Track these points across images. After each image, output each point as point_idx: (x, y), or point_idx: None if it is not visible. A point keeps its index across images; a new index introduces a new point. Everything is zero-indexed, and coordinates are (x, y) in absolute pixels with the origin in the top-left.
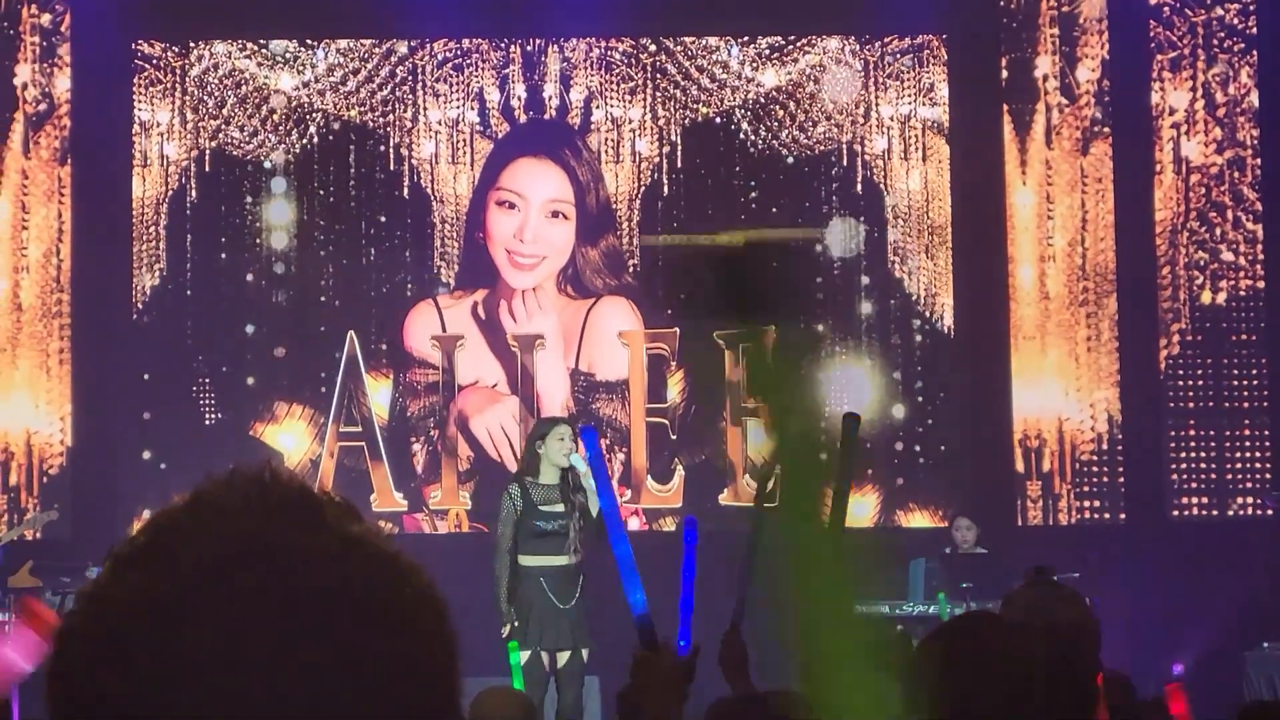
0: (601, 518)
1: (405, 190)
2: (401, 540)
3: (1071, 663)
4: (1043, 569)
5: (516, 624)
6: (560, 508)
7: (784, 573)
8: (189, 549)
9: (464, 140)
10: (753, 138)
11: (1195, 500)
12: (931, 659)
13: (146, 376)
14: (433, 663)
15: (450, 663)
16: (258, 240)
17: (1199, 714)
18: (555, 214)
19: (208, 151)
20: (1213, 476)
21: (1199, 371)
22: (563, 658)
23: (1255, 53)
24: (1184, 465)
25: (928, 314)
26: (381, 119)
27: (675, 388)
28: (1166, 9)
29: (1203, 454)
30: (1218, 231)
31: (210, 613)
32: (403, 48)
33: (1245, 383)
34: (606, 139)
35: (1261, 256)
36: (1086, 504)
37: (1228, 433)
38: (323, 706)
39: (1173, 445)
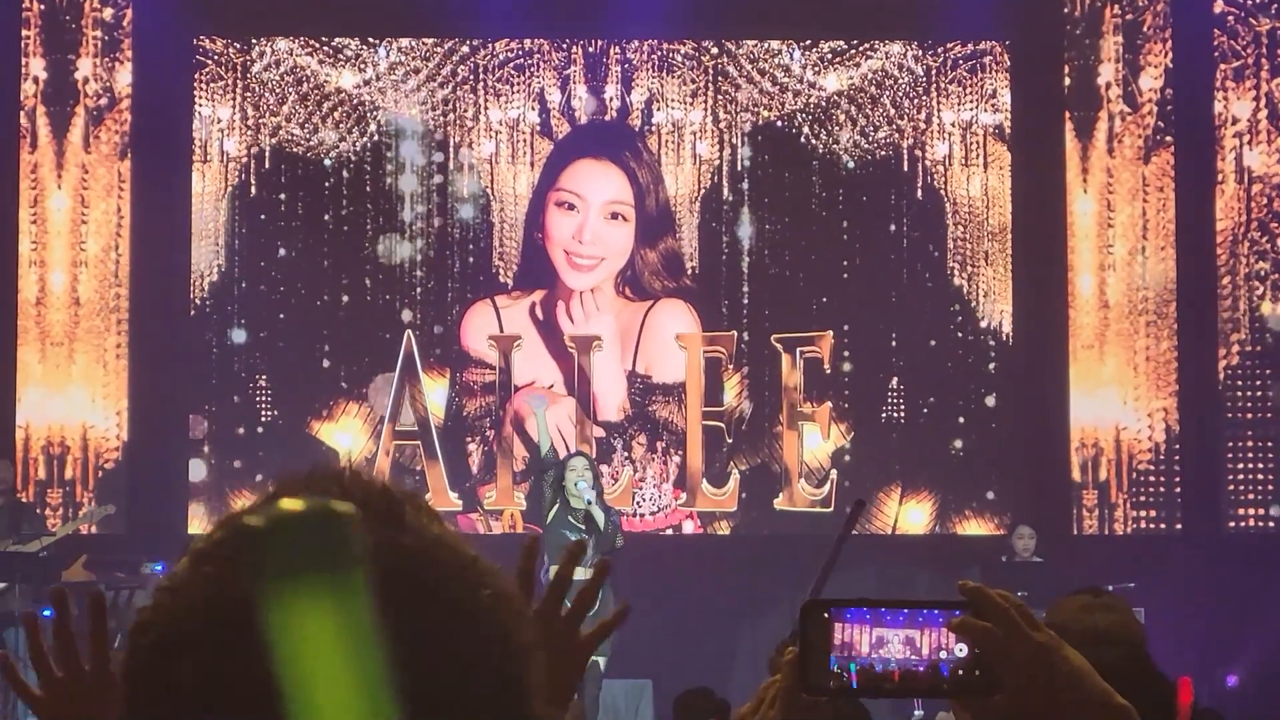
0: (609, 534)
1: (465, 189)
2: None
3: (1109, 669)
4: (1098, 591)
5: None
6: (584, 526)
7: None
8: (266, 545)
9: (524, 140)
10: (814, 142)
11: (1252, 511)
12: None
13: (207, 376)
14: (509, 664)
15: (526, 663)
16: (316, 238)
17: None
18: (614, 215)
19: (268, 148)
20: (1270, 488)
21: (1258, 382)
22: (600, 664)
23: None
24: (1241, 476)
25: (986, 321)
26: (442, 118)
27: (732, 391)
28: (1230, 18)
29: (1260, 465)
30: (1279, 242)
31: (285, 609)
32: (465, 47)
33: None
34: (667, 141)
35: None
36: (1143, 514)
37: None
38: (396, 705)
39: (1230, 456)
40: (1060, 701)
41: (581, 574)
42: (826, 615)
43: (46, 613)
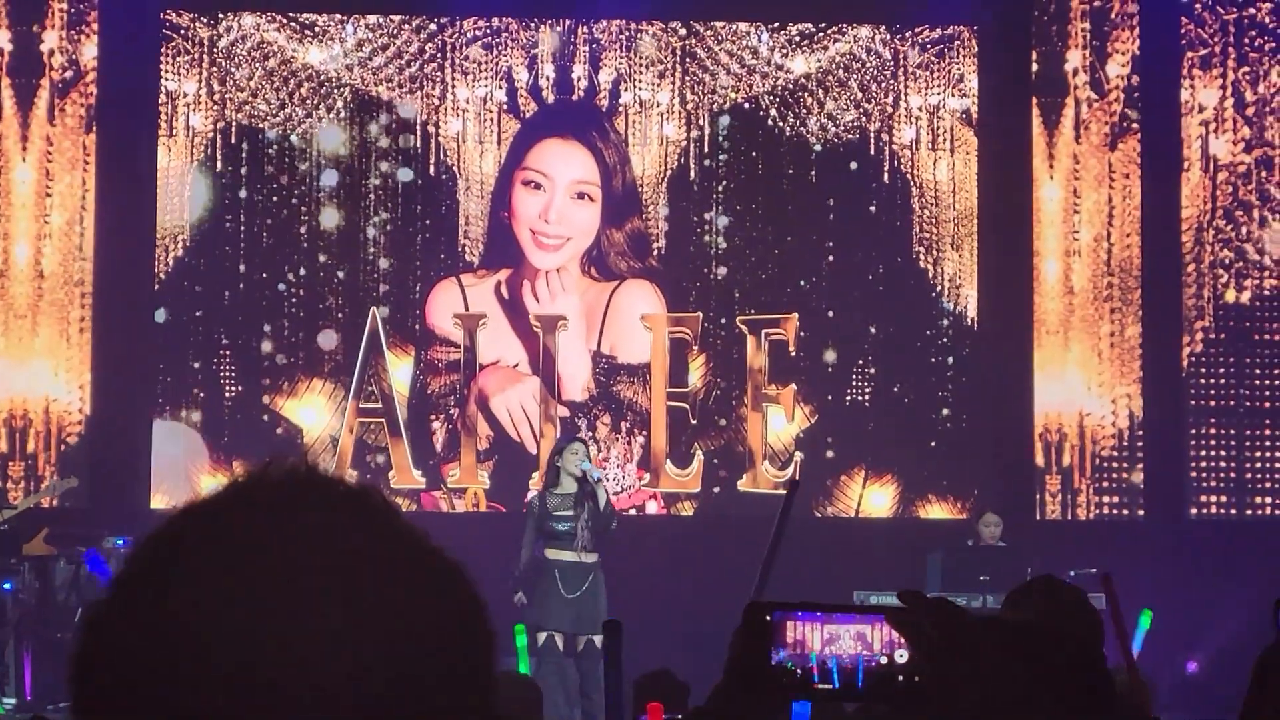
0: (606, 512)
1: (432, 167)
2: (418, 518)
3: (1072, 659)
4: (1052, 580)
5: (525, 602)
6: (571, 512)
7: None
8: (224, 537)
9: (491, 119)
10: (780, 124)
11: (1215, 499)
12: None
13: (167, 350)
14: (468, 661)
15: (486, 662)
16: (282, 214)
17: (1215, 714)
18: (581, 195)
19: (234, 123)
20: (1232, 476)
21: (1221, 370)
22: (581, 641)
23: None
24: (1204, 464)
25: (951, 306)
26: (409, 95)
27: (696, 372)
28: (1198, 6)
29: (1223, 453)
30: (1244, 230)
31: (244, 598)
32: (433, 24)
33: (1268, 382)
34: (634, 121)
35: None
36: (1106, 500)
37: (1249, 432)
38: (350, 690)
39: (1193, 443)
40: (995, 689)
41: (573, 557)
42: (769, 618)
43: (7, 586)
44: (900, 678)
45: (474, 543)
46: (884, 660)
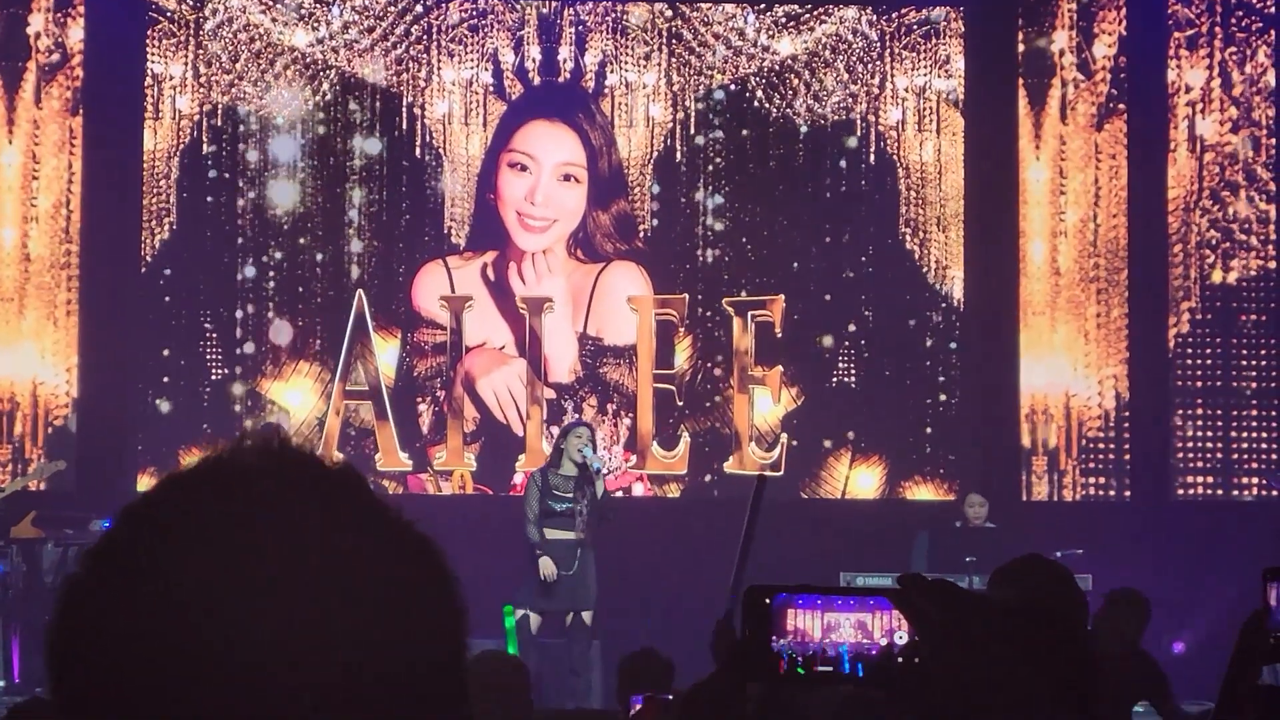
0: (604, 502)
1: (418, 150)
2: (405, 501)
3: (1056, 636)
4: (1037, 558)
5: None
6: (571, 494)
7: None
8: (198, 509)
9: (477, 101)
10: (767, 106)
11: (1200, 480)
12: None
13: (154, 333)
14: (438, 635)
15: (456, 635)
16: (268, 196)
17: (1200, 694)
18: (567, 177)
19: (220, 106)
20: (1219, 456)
21: (1208, 351)
22: (570, 618)
23: (1273, 32)
24: (1190, 445)
25: (938, 287)
26: (395, 78)
27: (683, 354)
28: None
29: (1209, 434)
30: (1230, 210)
31: (218, 569)
32: (419, 6)
33: (1254, 363)
34: (620, 103)
35: (1274, 236)
36: (1092, 480)
37: (1235, 413)
38: (320, 661)
39: (1179, 424)
40: (991, 667)
41: (565, 536)
42: (769, 601)
43: None
44: (900, 660)
45: (460, 525)
46: (884, 644)
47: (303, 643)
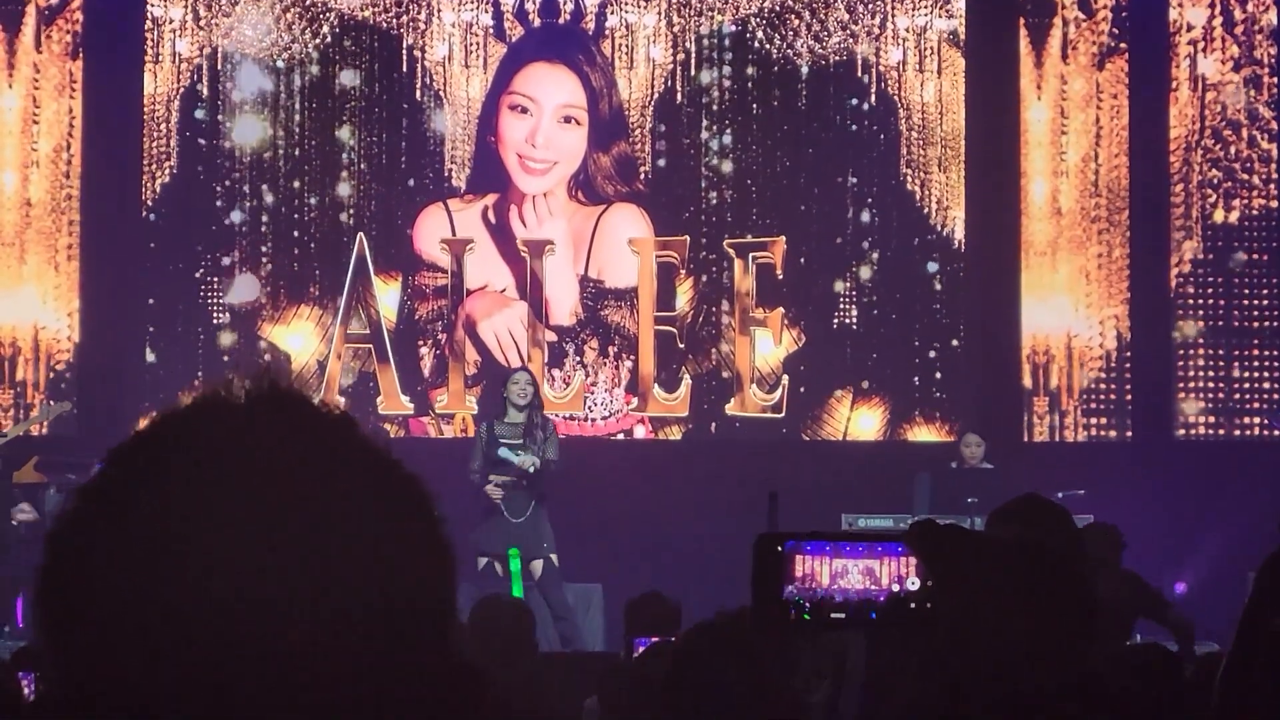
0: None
1: (418, 92)
2: (407, 444)
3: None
4: (1036, 498)
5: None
6: (520, 442)
7: None
8: (188, 447)
9: (478, 43)
10: (768, 46)
11: (1202, 419)
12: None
13: (153, 277)
14: (425, 580)
15: (443, 573)
16: (268, 139)
17: (1202, 634)
18: (567, 119)
19: (220, 49)
20: (1220, 396)
21: (1209, 290)
22: (537, 567)
23: None
24: (1192, 384)
25: (939, 227)
26: (395, 20)
27: (684, 296)
28: None
29: (1211, 373)
30: (1232, 150)
31: (208, 501)
32: None
33: (1256, 302)
34: (620, 45)
35: (1275, 175)
36: (1094, 421)
37: (1237, 352)
38: (308, 599)
39: (1181, 364)
40: (1000, 610)
41: (518, 482)
42: (781, 549)
43: None
44: (913, 605)
45: (462, 468)
46: (886, 599)
47: (290, 578)
